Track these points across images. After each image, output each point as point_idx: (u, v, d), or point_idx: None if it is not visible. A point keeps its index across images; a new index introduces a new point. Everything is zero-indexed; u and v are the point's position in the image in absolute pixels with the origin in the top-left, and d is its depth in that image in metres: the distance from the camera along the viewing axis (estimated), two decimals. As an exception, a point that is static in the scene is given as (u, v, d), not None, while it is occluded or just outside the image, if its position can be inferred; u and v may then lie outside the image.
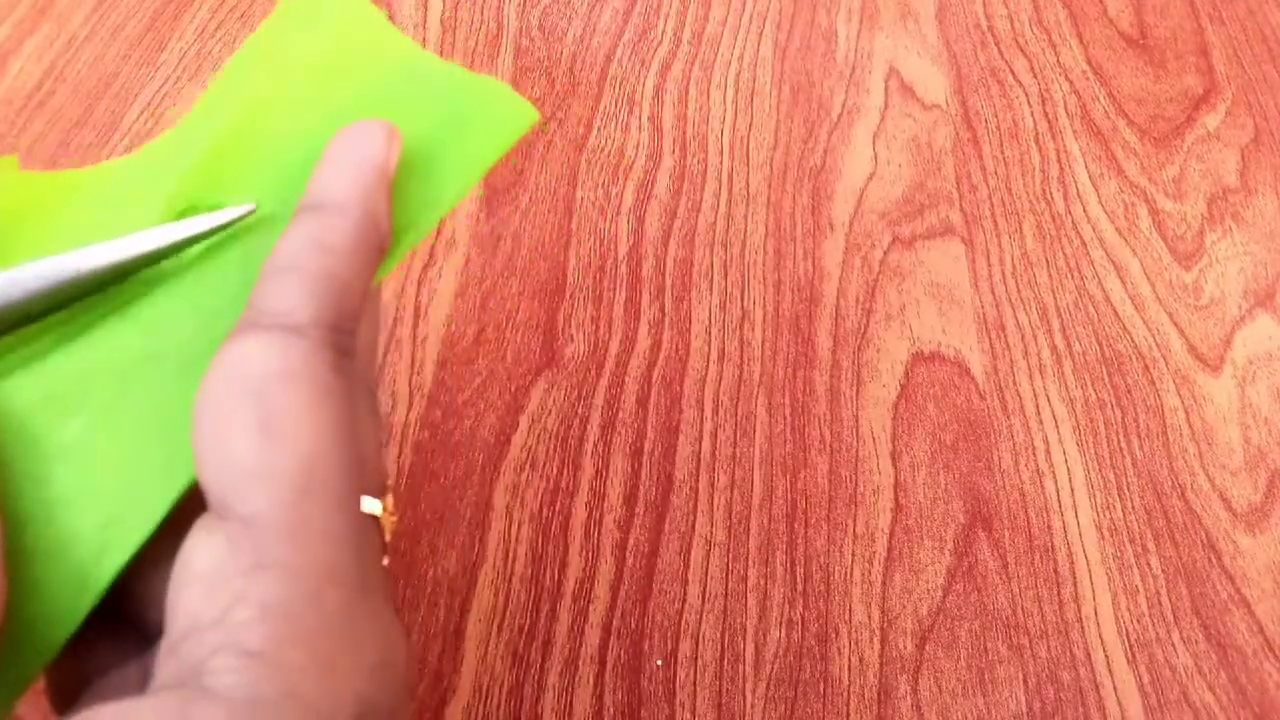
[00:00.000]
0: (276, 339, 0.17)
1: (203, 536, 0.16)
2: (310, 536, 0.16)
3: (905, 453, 0.43)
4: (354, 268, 0.19)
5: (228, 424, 0.16)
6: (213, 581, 0.15)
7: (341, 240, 0.19)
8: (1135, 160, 0.53)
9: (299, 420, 0.16)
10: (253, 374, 0.17)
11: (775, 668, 0.38)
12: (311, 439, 0.16)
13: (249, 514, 0.16)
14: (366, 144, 0.20)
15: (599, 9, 0.59)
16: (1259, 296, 0.48)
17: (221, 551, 0.15)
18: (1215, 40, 0.59)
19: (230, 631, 0.15)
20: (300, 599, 0.15)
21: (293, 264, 0.18)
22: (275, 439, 0.16)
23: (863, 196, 0.51)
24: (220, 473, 0.16)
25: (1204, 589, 0.40)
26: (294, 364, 0.17)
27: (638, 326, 0.46)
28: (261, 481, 0.16)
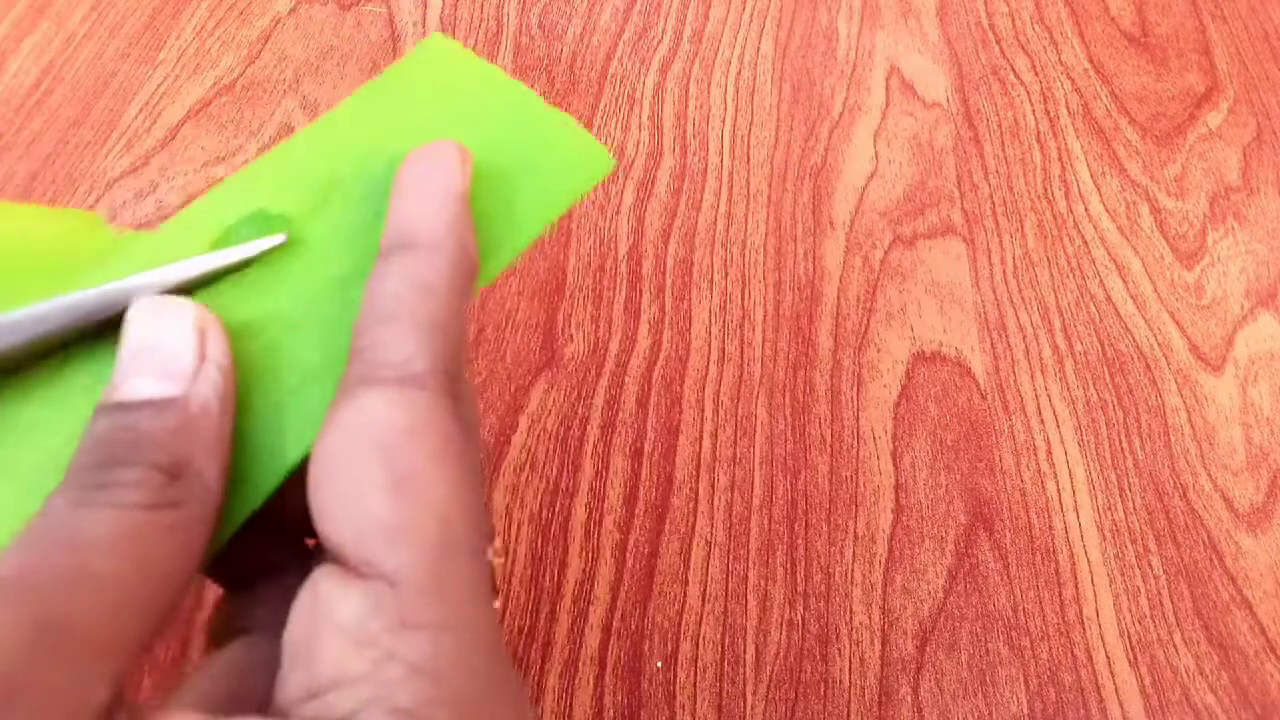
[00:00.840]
0: (398, 393, 0.17)
1: (339, 590, 0.16)
2: (452, 594, 0.16)
3: (906, 453, 0.43)
4: (455, 306, 0.18)
5: (358, 482, 0.16)
6: (359, 637, 0.15)
7: (441, 279, 0.18)
8: (1137, 159, 0.53)
9: (431, 476, 0.17)
10: (379, 430, 0.17)
11: (776, 669, 0.38)
12: (444, 494, 0.17)
13: (391, 572, 0.16)
14: (445, 169, 0.20)
15: (599, 7, 0.58)
16: (1261, 296, 0.48)
17: (365, 607, 0.16)
18: (1217, 38, 0.59)
19: (381, 688, 0.15)
20: (446, 658, 0.16)
21: (399, 310, 0.18)
22: (411, 497, 0.16)
23: (864, 195, 0.51)
24: (355, 531, 0.16)
25: (1206, 590, 0.40)
26: (420, 418, 0.17)
27: (637, 326, 0.46)
28: (401, 540, 0.16)
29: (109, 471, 0.16)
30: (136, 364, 0.17)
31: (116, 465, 0.16)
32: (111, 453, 0.16)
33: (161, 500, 0.16)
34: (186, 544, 0.16)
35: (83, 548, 0.15)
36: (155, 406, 0.17)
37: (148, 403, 0.17)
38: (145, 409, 0.17)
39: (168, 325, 0.18)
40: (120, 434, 0.16)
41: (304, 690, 0.16)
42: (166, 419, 0.17)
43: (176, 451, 0.17)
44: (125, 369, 0.17)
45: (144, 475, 0.16)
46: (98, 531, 0.15)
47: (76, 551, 0.15)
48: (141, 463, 0.16)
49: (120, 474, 0.16)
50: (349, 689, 0.15)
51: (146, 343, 0.18)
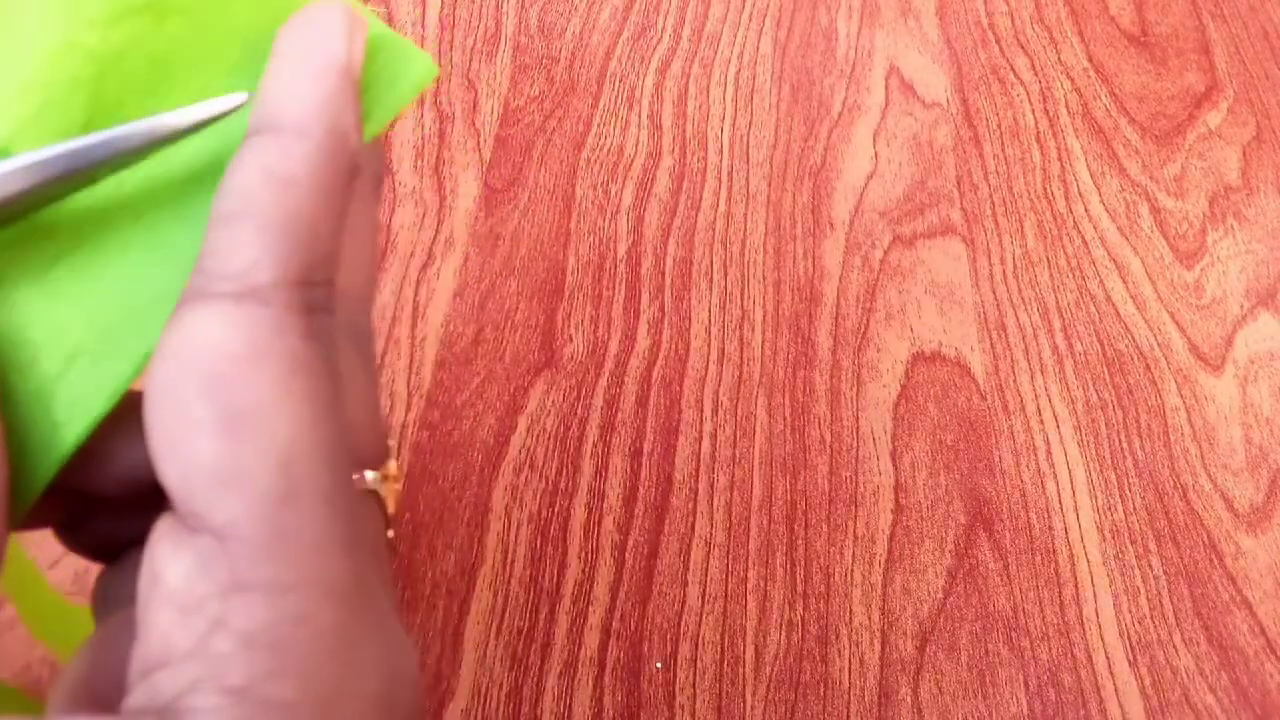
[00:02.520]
0: (233, 311, 0.14)
1: (170, 548, 0.14)
2: (295, 548, 0.14)
3: (906, 453, 0.43)
4: (323, 201, 0.15)
5: (185, 420, 0.14)
6: (186, 603, 0.13)
7: (304, 169, 0.15)
8: (1137, 158, 0.53)
9: (271, 410, 0.14)
10: (208, 358, 0.14)
11: (775, 670, 0.38)
12: (287, 431, 0.14)
13: (222, 525, 0.13)
14: (322, 39, 0.16)
15: (598, 6, 0.58)
16: (1261, 295, 0.48)
17: (193, 568, 0.13)
18: (1217, 37, 0.59)
19: (209, 664, 0.13)
20: (288, 623, 0.13)
21: (246, 208, 0.15)
22: (244, 436, 0.14)
23: (863, 195, 0.51)
24: (183, 477, 0.14)
25: (1205, 590, 0.40)
26: (258, 341, 0.14)
27: (637, 326, 0.46)
28: (233, 487, 0.14)
29: None
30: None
31: None
32: None
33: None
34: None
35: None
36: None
37: None
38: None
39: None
40: None
41: (137, 670, 0.14)
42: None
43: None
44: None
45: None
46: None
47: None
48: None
49: None
50: (176, 667, 0.13)
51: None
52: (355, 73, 0.17)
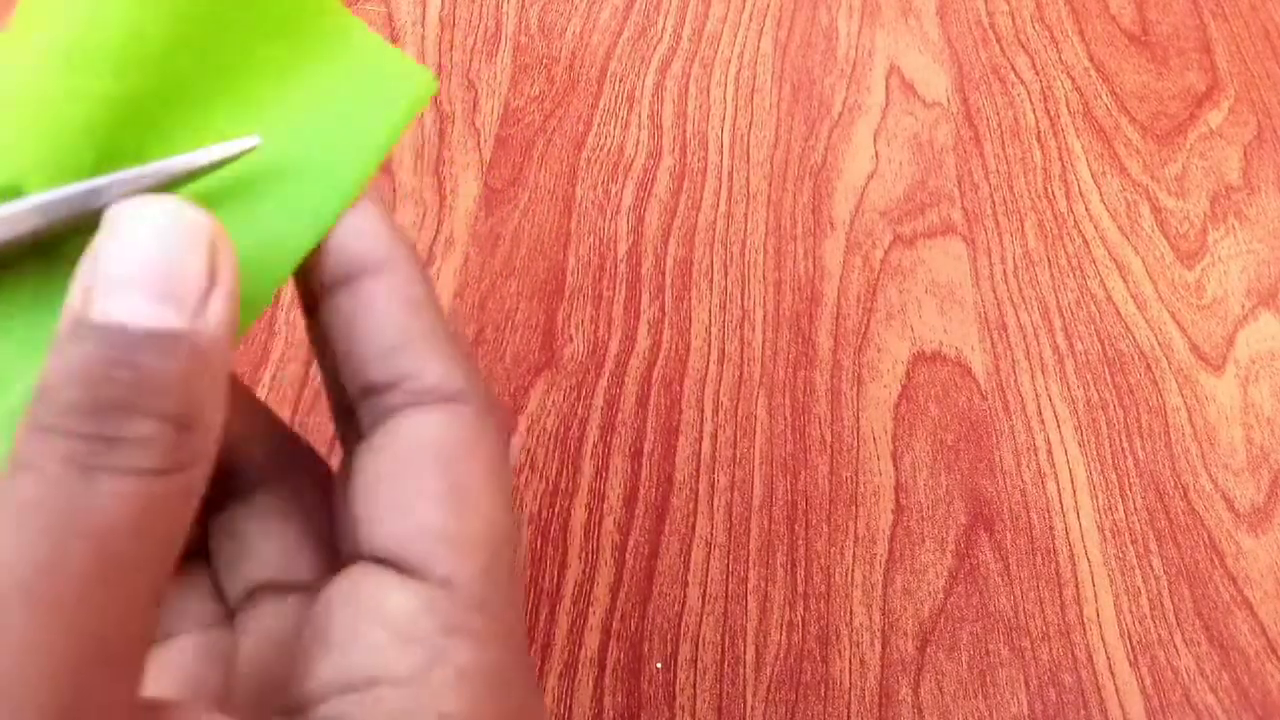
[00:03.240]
0: (447, 411, 0.17)
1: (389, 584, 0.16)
2: (499, 604, 0.17)
3: (906, 453, 0.43)
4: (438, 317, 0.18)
5: (415, 492, 0.17)
6: (409, 633, 0.16)
7: (421, 292, 0.18)
8: (1137, 158, 0.53)
9: (483, 490, 0.17)
10: (435, 446, 0.17)
11: (776, 670, 0.38)
12: (493, 507, 0.17)
13: (445, 577, 0.16)
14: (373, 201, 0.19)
15: (598, 6, 0.58)
16: (1262, 295, 0.48)
17: (417, 605, 0.16)
18: (1218, 36, 0.59)
19: (430, 691, 0.15)
20: (492, 668, 0.16)
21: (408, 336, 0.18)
22: (466, 508, 0.17)
23: (864, 195, 0.51)
24: (410, 536, 0.17)
25: (1206, 590, 0.40)
26: (470, 433, 0.18)
27: (637, 326, 0.46)
28: (456, 548, 0.17)
29: (114, 422, 0.13)
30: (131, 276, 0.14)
31: (121, 414, 0.13)
32: (112, 396, 0.13)
33: (172, 463, 0.14)
34: (187, 514, 0.15)
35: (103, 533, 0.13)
36: (164, 342, 0.14)
37: (153, 334, 0.14)
38: (151, 343, 0.14)
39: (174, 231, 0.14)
40: (118, 371, 0.13)
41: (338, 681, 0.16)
42: (176, 358, 0.14)
43: (187, 400, 0.14)
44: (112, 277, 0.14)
45: (154, 429, 0.14)
46: (115, 509, 0.13)
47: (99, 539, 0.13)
48: (151, 413, 0.14)
49: (128, 426, 0.13)
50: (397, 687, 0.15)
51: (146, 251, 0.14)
52: None
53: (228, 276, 0.15)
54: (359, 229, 0.18)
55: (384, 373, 0.18)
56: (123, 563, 0.13)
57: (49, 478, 0.13)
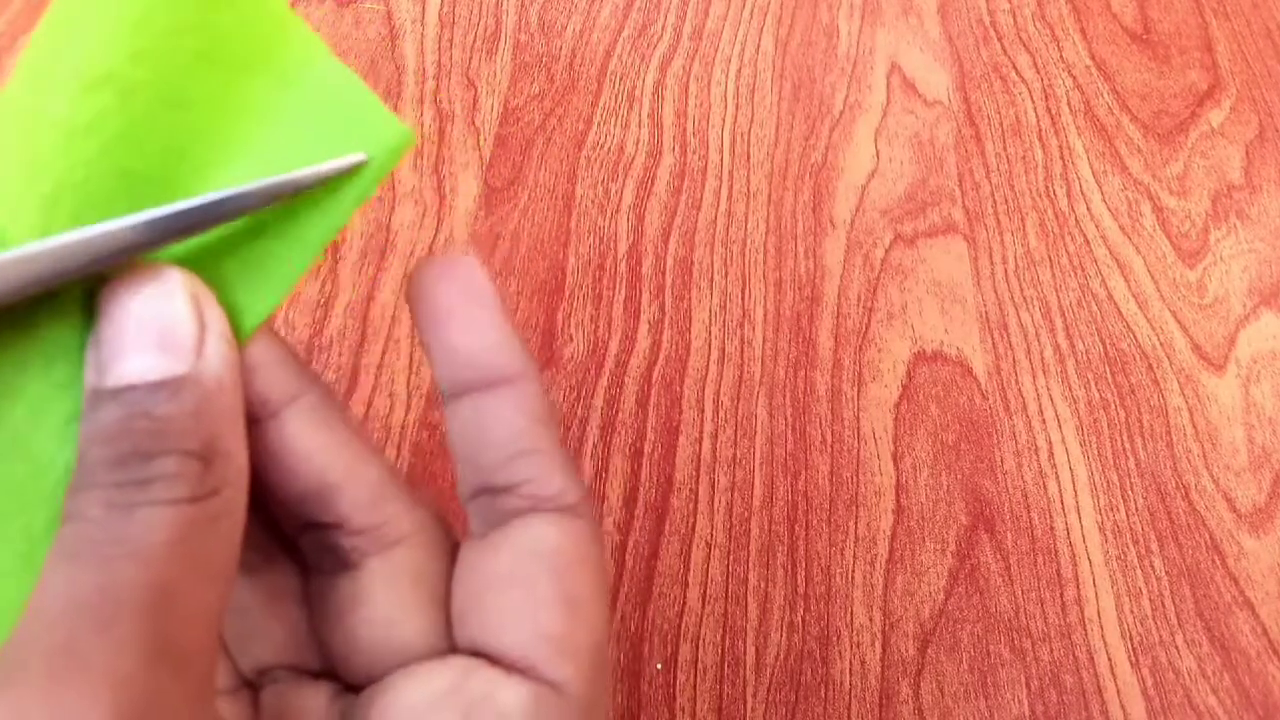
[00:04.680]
0: (564, 522, 0.18)
1: (501, 680, 0.17)
2: (601, 709, 0.18)
3: (907, 453, 0.43)
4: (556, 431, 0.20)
5: (532, 598, 0.18)
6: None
7: (545, 408, 0.19)
8: (1139, 157, 0.53)
9: (593, 602, 0.18)
10: (552, 555, 0.18)
11: (776, 671, 0.38)
12: (601, 621, 0.18)
13: (558, 681, 0.17)
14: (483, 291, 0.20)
15: (598, 4, 0.58)
16: (1263, 295, 0.48)
17: (530, 702, 0.17)
18: (1219, 35, 0.59)
19: None
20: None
21: (534, 445, 0.19)
22: (579, 618, 0.18)
23: (864, 194, 0.51)
24: (526, 640, 0.18)
25: (1207, 591, 0.40)
26: (583, 546, 0.19)
27: (637, 326, 0.46)
28: (569, 655, 0.18)
29: (141, 467, 0.15)
30: (129, 341, 0.16)
31: (146, 459, 0.15)
32: (135, 446, 0.15)
33: (202, 490, 0.15)
34: (231, 533, 0.16)
35: (148, 555, 0.14)
36: (168, 387, 0.15)
37: (159, 384, 0.15)
38: (158, 391, 0.15)
39: (156, 293, 0.16)
40: (137, 423, 0.15)
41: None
42: (184, 400, 0.15)
43: (203, 434, 0.15)
44: (115, 346, 0.16)
45: (178, 464, 0.15)
46: (154, 536, 0.14)
47: (145, 560, 0.14)
48: (172, 451, 0.15)
49: (154, 468, 0.15)
50: None
51: (136, 315, 0.16)
52: None
53: (215, 319, 0.16)
54: (492, 342, 0.19)
55: (506, 477, 0.19)
56: (171, 581, 0.14)
57: (92, 520, 0.14)
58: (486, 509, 0.19)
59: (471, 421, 0.19)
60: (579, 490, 0.19)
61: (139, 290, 0.16)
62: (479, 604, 0.18)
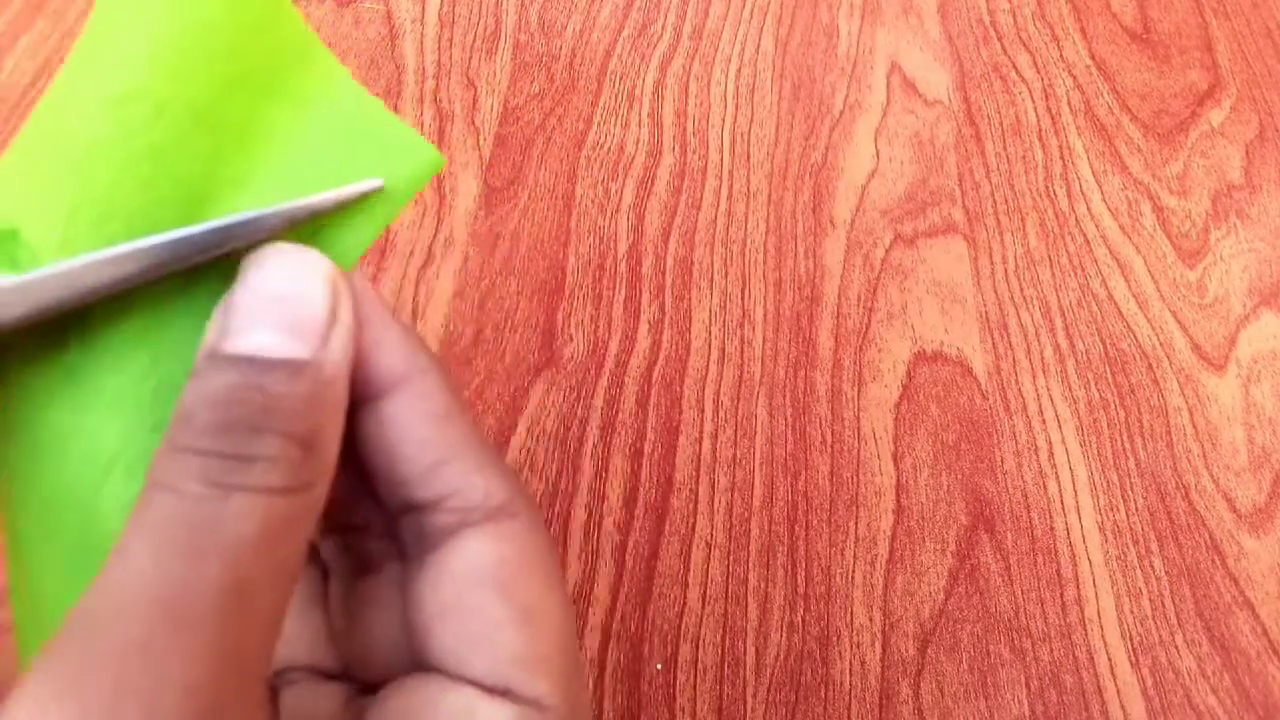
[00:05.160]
0: (495, 529, 0.18)
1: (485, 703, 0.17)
2: (581, 713, 0.18)
3: (907, 454, 0.43)
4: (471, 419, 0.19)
5: (486, 621, 0.17)
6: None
7: (450, 400, 0.18)
8: (1139, 157, 0.53)
9: (548, 604, 0.18)
10: (493, 570, 0.17)
11: (776, 671, 0.37)
12: (560, 620, 0.18)
13: (536, 698, 0.17)
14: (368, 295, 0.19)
15: (598, 3, 0.58)
16: (1264, 295, 0.48)
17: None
18: (1219, 35, 0.59)
19: None
20: None
21: (444, 452, 0.18)
22: (537, 628, 0.17)
23: (864, 194, 0.51)
24: (492, 665, 0.17)
25: (1208, 591, 0.40)
26: (523, 547, 0.18)
27: (637, 326, 0.45)
28: (539, 671, 0.17)
29: (246, 440, 0.15)
30: (261, 313, 0.15)
31: (252, 433, 0.15)
32: (243, 416, 0.15)
33: (297, 482, 0.15)
34: (307, 532, 0.16)
35: (235, 552, 0.14)
36: (289, 368, 0.15)
37: (281, 362, 0.15)
38: (278, 369, 0.15)
39: (298, 274, 0.16)
40: (248, 394, 0.15)
41: None
42: (300, 384, 0.15)
43: (310, 422, 0.15)
44: (245, 316, 0.15)
45: (282, 448, 0.15)
46: (245, 530, 0.14)
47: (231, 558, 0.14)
48: (278, 431, 0.15)
49: (258, 444, 0.15)
50: None
51: (273, 291, 0.16)
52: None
53: (347, 315, 0.16)
54: (378, 344, 0.18)
55: (425, 492, 0.18)
56: (251, 582, 0.14)
57: (185, 496, 0.14)
58: (419, 527, 0.18)
59: (374, 434, 0.18)
60: (506, 484, 0.18)
61: (282, 265, 0.16)
62: (435, 637, 0.17)
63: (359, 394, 0.18)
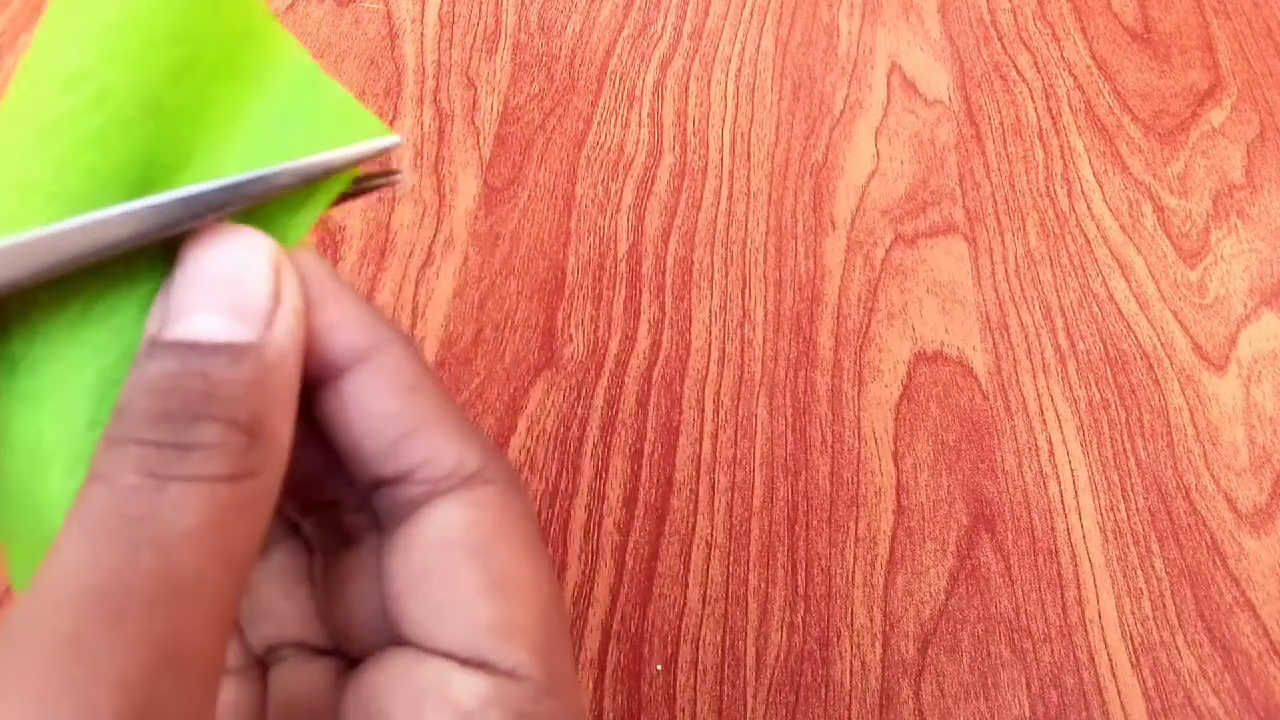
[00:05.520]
0: (468, 495, 0.17)
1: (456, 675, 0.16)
2: (562, 685, 0.17)
3: (908, 454, 0.43)
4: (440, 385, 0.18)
5: (457, 589, 0.16)
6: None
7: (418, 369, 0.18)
8: (1140, 156, 0.53)
9: (524, 568, 0.17)
10: (465, 536, 0.17)
11: (776, 672, 0.37)
12: (538, 582, 0.17)
13: (511, 669, 0.16)
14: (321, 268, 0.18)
15: (598, 3, 0.58)
16: (1264, 295, 0.48)
17: (488, 696, 0.16)
18: (1220, 34, 0.59)
19: None
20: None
21: (413, 421, 0.17)
22: (514, 595, 0.17)
23: (865, 194, 0.51)
24: (465, 635, 0.16)
25: (1208, 591, 0.40)
26: (497, 513, 0.17)
27: (637, 326, 0.45)
28: (514, 640, 0.16)
29: (184, 429, 0.14)
30: (201, 296, 0.15)
31: (190, 420, 0.14)
32: (183, 404, 0.14)
33: (241, 469, 0.14)
34: (259, 522, 0.15)
35: (171, 543, 0.13)
36: (230, 353, 0.15)
37: (222, 347, 0.15)
38: (219, 354, 0.14)
39: (238, 255, 0.15)
40: (189, 381, 0.14)
41: None
42: (243, 368, 0.15)
43: (254, 408, 0.15)
44: (185, 301, 0.15)
45: (222, 435, 0.14)
46: (183, 520, 0.13)
47: (166, 550, 0.13)
48: (219, 418, 0.14)
49: (197, 432, 0.14)
50: None
51: (213, 273, 0.15)
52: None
53: (293, 295, 0.16)
54: (338, 320, 0.17)
55: (394, 465, 0.17)
56: (191, 573, 0.13)
57: (120, 487, 0.14)
58: (390, 500, 0.18)
59: (339, 411, 0.17)
60: (479, 451, 0.17)
61: (222, 247, 0.15)
62: (407, 608, 0.17)
63: (319, 373, 0.17)
